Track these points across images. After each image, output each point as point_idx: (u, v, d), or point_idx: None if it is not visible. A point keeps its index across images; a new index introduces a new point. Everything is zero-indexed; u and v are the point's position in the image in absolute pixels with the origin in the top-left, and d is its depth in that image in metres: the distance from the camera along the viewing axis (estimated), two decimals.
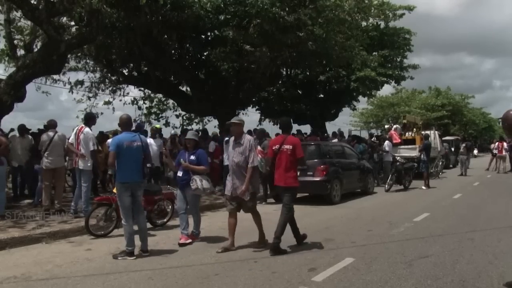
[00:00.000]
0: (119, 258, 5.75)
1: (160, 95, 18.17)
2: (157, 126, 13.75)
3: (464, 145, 21.53)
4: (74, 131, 8.39)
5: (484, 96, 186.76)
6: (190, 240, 6.62)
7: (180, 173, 6.75)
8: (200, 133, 12.39)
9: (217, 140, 12.80)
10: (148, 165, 7.98)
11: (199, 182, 6.39)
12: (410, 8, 19.25)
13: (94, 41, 10.97)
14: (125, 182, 5.89)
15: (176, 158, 7.33)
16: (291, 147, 6.38)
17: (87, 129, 8.31)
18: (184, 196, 6.78)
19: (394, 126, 19.31)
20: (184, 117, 19.32)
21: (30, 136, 10.51)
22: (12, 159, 9.91)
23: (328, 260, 5.54)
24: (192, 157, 6.65)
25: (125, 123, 6.14)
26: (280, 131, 9.01)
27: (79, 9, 9.60)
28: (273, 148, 6.61)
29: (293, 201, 6.59)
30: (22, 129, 10.31)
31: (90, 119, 8.81)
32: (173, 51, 14.07)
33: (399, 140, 18.04)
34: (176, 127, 19.33)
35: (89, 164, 8.27)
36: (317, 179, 10.85)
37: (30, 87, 11.65)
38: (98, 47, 12.50)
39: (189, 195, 6.66)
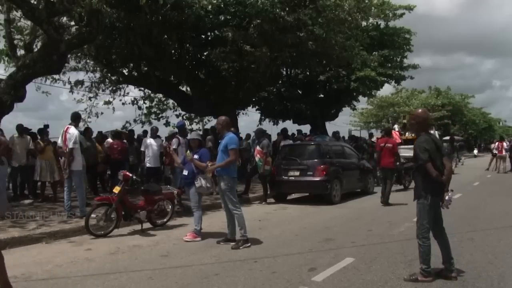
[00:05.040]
0: (241, 248, 6.19)
1: (160, 95, 18.12)
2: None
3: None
4: (61, 132, 8.32)
5: (484, 96, 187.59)
6: (199, 238, 6.83)
7: (185, 172, 6.97)
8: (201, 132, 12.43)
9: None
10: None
11: (203, 181, 6.64)
12: (410, 8, 19.20)
13: (94, 41, 10.93)
14: (236, 176, 6.65)
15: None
16: (391, 145, 10.79)
17: (72, 128, 8.21)
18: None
19: (394, 126, 19.33)
20: (184, 117, 19.27)
21: (29, 136, 10.51)
22: (12, 159, 9.91)
23: (328, 260, 5.55)
24: (196, 156, 6.84)
25: (229, 123, 6.85)
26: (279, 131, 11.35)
27: (79, 9, 9.57)
28: (381, 145, 10.96)
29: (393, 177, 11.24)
30: (21, 129, 10.30)
31: (76, 118, 8.66)
32: (173, 51, 14.04)
33: (399, 141, 18.05)
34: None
35: (77, 164, 8.18)
36: (317, 179, 10.86)
37: (30, 87, 11.65)
38: (98, 47, 12.48)
39: (191, 193, 6.89)
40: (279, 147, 13.21)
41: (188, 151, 6.93)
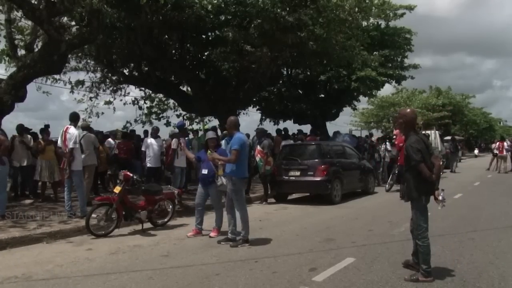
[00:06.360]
0: (239, 246, 6.30)
1: (160, 95, 18.15)
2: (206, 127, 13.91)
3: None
4: (61, 132, 8.32)
5: (484, 96, 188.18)
6: (216, 234, 7.07)
7: (205, 171, 7.08)
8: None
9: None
10: None
11: (223, 179, 6.75)
12: (410, 8, 19.19)
13: (94, 41, 10.96)
14: (246, 177, 6.89)
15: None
16: None
17: (72, 128, 8.18)
18: (206, 193, 7.17)
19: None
20: (185, 117, 19.29)
21: (29, 136, 10.51)
22: (13, 159, 9.92)
23: (328, 260, 5.55)
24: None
25: (236, 124, 6.84)
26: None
27: (79, 9, 9.59)
28: (400, 145, 10.86)
29: None
30: (21, 129, 10.29)
31: (75, 118, 8.61)
32: (173, 51, 14.05)
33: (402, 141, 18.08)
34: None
35: (77, 164, 8.18)
36: (318, 179, 10.85)
37: (31, 87, 11.67)
38: (99, 47, 12.50)
39: (213, 192, 7.06)
40: (279, 147, 13.20)
41: (209, 150, 6.94)
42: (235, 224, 6.65)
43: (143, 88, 17.14)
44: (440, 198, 4.76)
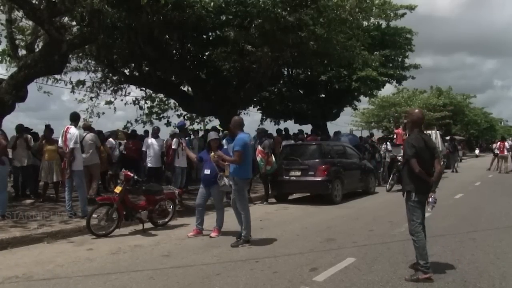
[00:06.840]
0: (239, 246, 6.31)
1: (161, 95, 18.15)
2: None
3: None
4: (61, 132, 8.31)
5: (485, 96, 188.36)
6: (217, 234, 7.08)
7: (207, 171, 7.11)
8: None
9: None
10: None
11: (226, 180, 6.82)
12: (411, 8, 19.18)
13: (95, 41, 10.97)
14: (248, 178, 6.94)
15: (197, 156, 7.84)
16: None
17: (72, 128, 8.16)
18: (207, 194, 7.20)
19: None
20: (186, 117, 19.29)
21: (29, 136, 10.51)
22: (14, 159, 9.92)
23: (329, 260, 5.54)
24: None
25: (240, 124, 6.81)
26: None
27: (80, 9, 9.60)
28: None
29: None
30: (21, 129, 10.29)
31: (76, 118, 8.55)
32: (174, 51, 14.06)
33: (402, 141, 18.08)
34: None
35: (78, 164, 8.17)
36: (318, 179, 10.85)
37: (32, 87, 11.70)
38: (100, 47, 12.50)
39: (215, 192, 7.10)
40: (279, 147, 13.19)
41: (212, 153, 6.95)
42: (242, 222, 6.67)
43: (143, 88, 17.15)
44: (430, 200, 4.76)
